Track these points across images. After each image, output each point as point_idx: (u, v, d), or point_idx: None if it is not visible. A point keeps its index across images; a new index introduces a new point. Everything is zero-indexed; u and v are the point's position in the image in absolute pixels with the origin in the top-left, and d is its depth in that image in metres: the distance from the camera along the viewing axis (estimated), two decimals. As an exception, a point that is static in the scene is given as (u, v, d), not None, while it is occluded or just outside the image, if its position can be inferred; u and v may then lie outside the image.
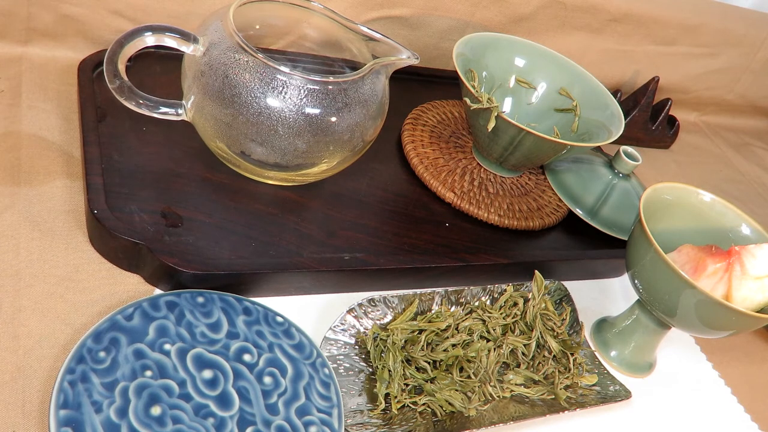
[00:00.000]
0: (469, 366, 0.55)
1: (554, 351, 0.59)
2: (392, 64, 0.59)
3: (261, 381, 0.49)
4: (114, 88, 0.54)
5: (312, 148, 0.56)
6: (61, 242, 0.54)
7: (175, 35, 0.54)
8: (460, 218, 0.69)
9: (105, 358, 0.46)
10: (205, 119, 0.56)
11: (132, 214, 0.55)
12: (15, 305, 0.49)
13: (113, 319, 0.48)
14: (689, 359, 0.68)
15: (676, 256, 0.58)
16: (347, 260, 0.59)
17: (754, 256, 0.56)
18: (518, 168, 0.74)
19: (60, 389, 0.43)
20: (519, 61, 0.76)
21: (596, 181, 0.75)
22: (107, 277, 0.54)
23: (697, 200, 0.64)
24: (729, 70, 1.06)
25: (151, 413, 0.44)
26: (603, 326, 0.66)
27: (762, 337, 0.75)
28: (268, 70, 0.53)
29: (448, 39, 0.85)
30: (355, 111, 0.56)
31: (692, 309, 0.55)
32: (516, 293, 0.61)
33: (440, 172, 0.71)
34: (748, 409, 0.65)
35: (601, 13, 0.91)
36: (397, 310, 0.57)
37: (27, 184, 0.57)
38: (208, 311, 0.51)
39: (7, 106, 0.63)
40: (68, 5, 0.68)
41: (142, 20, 0.71)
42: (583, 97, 0.75)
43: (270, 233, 0.59)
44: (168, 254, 0.52)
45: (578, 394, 0.58)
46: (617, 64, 0.97)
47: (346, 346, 0.54)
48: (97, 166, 0.56)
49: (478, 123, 0.68)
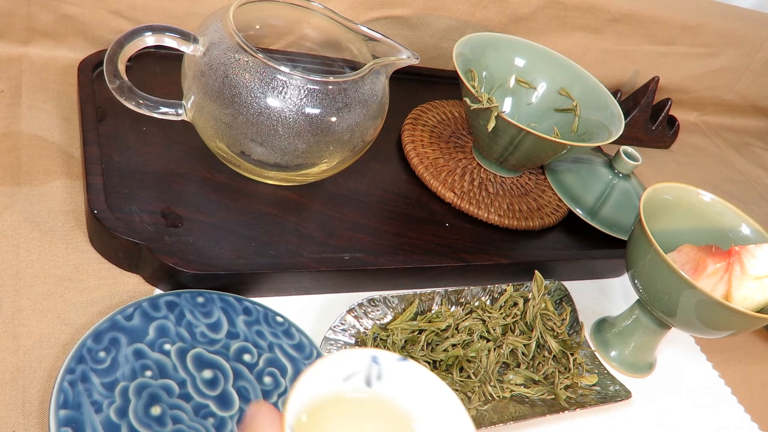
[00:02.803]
0: (469, 366, 0.55)
1: (554, 351, 0.59)
2: (392, 64, 0.59)
3: (261, 381, 0.49)
4: (114, 88, 0.54)
5: (312, 148, 0.56)
6: (61, 242, 0.54)
7: (175, 35, 0.54)
8: (460, 218, 0.69)
9: (105, 358, 0.46)
10: (205, 119, 0.56)
11: (132, 214, 0.55)
12: (15, 305, 0.49)
13: (113, 319, 0.48)
14: (689, 359, 0.68)
15: (676, 256, 0.58)
16: (347, 260, 0.59)
17: (754, 256, 0.56)
18: (518, 168, 0.74)
19: (60, 389, 0.43)
20: (519, 61, 0.76)
21: (596, 181, 0.75)
22: (107, 277, 0.54)
23: (697, 200, 0.64)
24: (729, 70, 1.06)
25: (151, 413, 0.44)
26: (603, 326, 0.66)
27: (762, 337, 0.75)
28: (268, 70, 0.53)
29: (448, 39, 0.85)
30: (355, 111, 0.56)
31: (692, 309, 0.55)
32: (516, 293, 0.61)
33: (440, 172, 0.71)
34: (748, 409, 0.65)
35: (601, 13, 0.91)
36: (397, 310, 0.57)
37: (27, 184, 0.57)
38: (208, 311, 0.51)
39: (7, 106, 0.63)
40: (68, 5, 0.68)
41: (142, 20, 0.71)
42: (583, 97, 0.75)
43: (270, 233, 0.59)
44: (168, 254, 0.52)
45: (578, 394, 0.58)
46: (617, 64, 0.97)
47: (346, 346, 0.54)
48: (97, 166, 0.56)
49: (478, 123, 0.68)
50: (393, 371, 0.37)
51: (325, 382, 0.36)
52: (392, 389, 0.37)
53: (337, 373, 0.37)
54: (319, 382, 0.36)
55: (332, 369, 0.36)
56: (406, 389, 0.37)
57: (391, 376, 0.37)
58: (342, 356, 0.36)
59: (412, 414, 0.37)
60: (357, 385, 0.37)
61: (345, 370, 0.37)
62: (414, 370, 0.37)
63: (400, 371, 0.37)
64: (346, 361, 0.37)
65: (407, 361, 0.37)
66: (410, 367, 0.37)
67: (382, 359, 0.37)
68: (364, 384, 0.37)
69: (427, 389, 0.37)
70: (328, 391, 0.36)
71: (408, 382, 0.37)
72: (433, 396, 0.37)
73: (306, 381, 0.34)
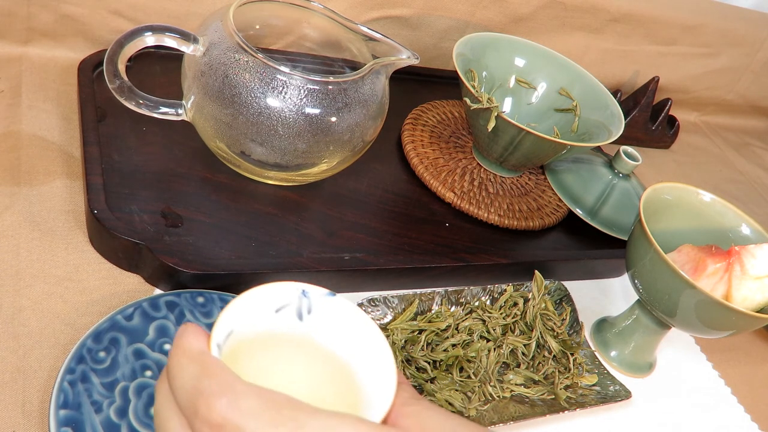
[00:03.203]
0: (469, 366, 0.55)
1: (554, 351, 0.59)
2: (392, 64, 0.59)
3: (261, 381, 0.49)
4: (114, 88, 0.54)
5: (312, 148, 0.56)
6: (61, 242, 0.54)
7: (175, 35, 0.54)
8: (460, 218, 0.69)
9: (105, 358, 0.46)
10: (205, 119, 0.56)
11: (132, 214, 0.55)
12: (15, 305, 0.49)
13: (113, 319, 0.48)
14: (689, 359, 0.68)
15: (676, 256, 0.58)
16: (347, 260, 0.59)
17: (754, 256, 0.56)
18: (518, 168, 0.74)
19: (60, 389, 0.43)
20: (519, 61, 0.76)
21: (596, 181, 0.75)
22: (107, 277, 0.54)
23: (697, 200, 0.64)
24: (729, 70, 1.06)
25: (151, 413, 0.44)
26: (603, 326, 0.66)
27: (762, 337, 0.75)
28: (268, 70, 0.53)
29: (448, 39, 0.85)
30: (355, 111, 0.56)
31: (692, 309, 0.55)
32: (516, 293, 0.61)
33: (440, 172, 0.71)
34: (748, 409, 0.65)
35: (601, 13, 0.91)
36: (397, 310, 0.57)
37: (27, 184, 0.57)
38: (208, 311, 0.51)
39: (7, 106, 0.63)
40: (68, 5, 0.68)
41: (142, 20, 0.71)
42: (583, 97, 0.75)
43: (270, 233, 0.59)
44: (168, 254, 0.52)
45: (578, 394, 0.58)
46: (617, 64, 0.97)
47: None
48: (97, 166, 0.56)
49: (478, 123, 0.68)
50: (322, 305, 0.38)
51: (257, 313, 0.38)
52: (322, 324, 0.38)
53: (269, 303, 0.38)
54: (251, 311, 0.37)
55: (263, 299, 0.37)
56: (334, 324, 0.38)
57: (320, 310, 0.38)
58: (273, 287, 0.38)
59: (341, 350, 0.38)
60: (289, 319, 0.38)
61: (276, 302, 0.38)
62: (341, 305, 0.38)
63: (329, 306, 0.38)
64: (277, 293, 0.38)
65: (335, 296, 0.38)
66: (338, 302, 0.38)
67: (311, 293, 0.38)
68: (296, 317, 0.38)
69: (354, 325, 0.38)
70: (261, 323, 0.38)
71: (336, 318, 0.38)
72: (360, 332, 0.38)
73: (237, 305, 0.36)
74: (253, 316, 0.37)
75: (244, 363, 0.38)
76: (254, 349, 0.38)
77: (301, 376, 0.39)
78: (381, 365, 0.36)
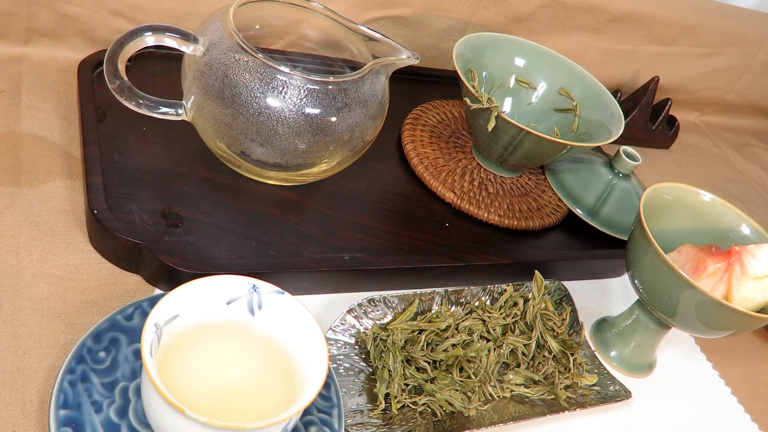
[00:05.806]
0: (469, 366, 0.55)
1: (554, 351, 0.59)
2: (392, 64, 0.59)
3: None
4: (114, 88, 0.54)
5: (312, 148, 0.56)
6: (61, 242, 0.54)
7: (175, 35, 0.54)
8: (460, 218, 0.69)
9: (105, 358, 0.46)
10: (205, 119, 0.56)
11: (132, 214, 0.55)
12: (15, 305, 0.49)
13: (113, 319, 0.48)
14: (689, 359, 0.68)
15: (676, 256, 0.58)
16: (347, 260, 0.59)
17: (754, 256, 0.56)
18: (518, 168, 0.74)
19: (60, 389, 0.43)
20: (519, 61, 0.76)
21: (596, 181, 0.75)
22: (107, 277, 0.54)
23: (697, 200, 0.64)
24: (729, 70, 1.06)
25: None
26: (603, 326, 0.66)
27: (762, 337, 0.75)
28: (268, 70, 0.53)
29: (448, 39, 0.85)
30: (355, 111, 0.56)
31: (692, 309, 0.55)
32: (516, 293, 0.61)
33: (440, 172, 0.71)
34: (748, 409, 0.65)
35: (601, 13, 0.91)
36: (397, 310, 0.57)
37: (27, 184, 0.57)
38: (208, 311, 0.51)
39: (7, 106, 0.63)
40: (68, 5, 0.68)
41: (142, 20, 0.71)
42: (583, 97, 0.75)
43: (270, 233, 0.59)
44: (168, 254, 0.52)
45: (578, 394, 0.58)
46: (617, 64, 0.97)
47: (346, 346, 0.54)
48: (97, 166, 0.56)
49: (478, 123, 0.68)
50: (271, 302, 0.43)
51: (208, 302, 0.42)
52: (270, 318, 0.43)
53: (220, 295, 0.42)
54: (201, 300, 0.42)
55: (213, 290, 0.42)
56: (281, 319, 0.43)
57: (269, 306, 0.43)
58: (223, 280, 0.42)
59: (286, 340, 0.44)
60: (241, 312, 0.43)
61: (227, 294, 0.42)
62: (288, 302, 0.43)
63: (277, 303, 0.43)
64: (227, 285, 0.42)
65: (284, 294, 0.43)
66: (286, 299, 0.43)
67: (261, 288, 0.43)
68: (248, 312, 0.43)
69: (298, 320, 0.43)
70: (213, 313, 0.42)
71: (283, 313, 0.43)
72: (302, 326, 0.43)
73: (184, 291, 0.40)
74: (205, 304, 0.41)
75: (196, 348, 0.43)
76: (207, 336, 0.43)
77: (251, 361, 0.45)
78: (317, 354, 0.42)
